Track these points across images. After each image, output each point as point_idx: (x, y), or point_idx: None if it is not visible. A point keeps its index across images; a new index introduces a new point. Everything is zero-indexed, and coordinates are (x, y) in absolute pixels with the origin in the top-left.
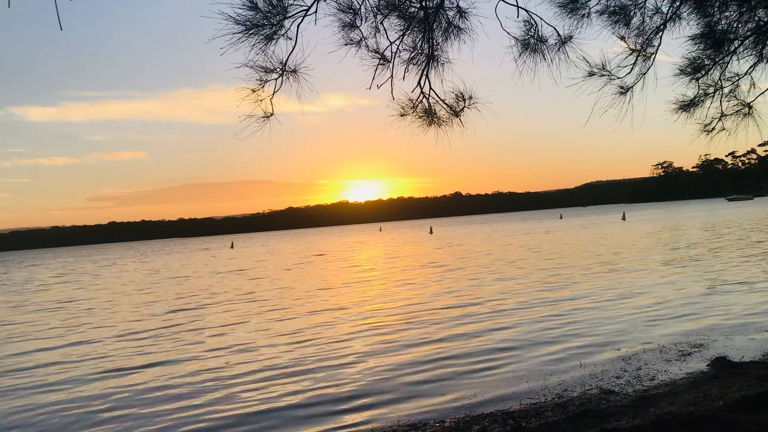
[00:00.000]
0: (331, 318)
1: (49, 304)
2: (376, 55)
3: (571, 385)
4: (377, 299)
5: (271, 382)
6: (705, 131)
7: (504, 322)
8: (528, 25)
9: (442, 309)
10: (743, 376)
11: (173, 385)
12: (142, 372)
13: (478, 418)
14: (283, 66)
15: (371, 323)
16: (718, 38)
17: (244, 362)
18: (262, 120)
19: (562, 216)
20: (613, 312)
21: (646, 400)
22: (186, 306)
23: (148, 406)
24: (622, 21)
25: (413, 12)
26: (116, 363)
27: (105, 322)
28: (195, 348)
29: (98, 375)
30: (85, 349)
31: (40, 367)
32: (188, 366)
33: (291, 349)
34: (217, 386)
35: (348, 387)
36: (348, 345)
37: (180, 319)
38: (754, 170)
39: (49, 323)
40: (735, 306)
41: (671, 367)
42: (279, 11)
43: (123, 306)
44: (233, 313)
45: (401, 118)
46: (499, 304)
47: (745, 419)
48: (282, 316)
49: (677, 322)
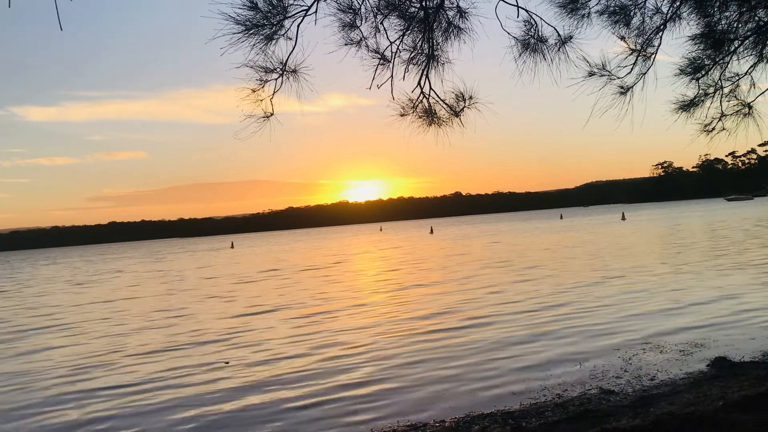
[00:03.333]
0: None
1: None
2: (376, 55)
3: (571, 385)
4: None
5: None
6: (705, 131)
7: (504, 321)
8: (528, 25)
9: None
10: (743, 376)
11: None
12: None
13: (478, 418)
14: (283, 66)
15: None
16: (718, 38)
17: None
18: (262, 120)
19: (562, 216)
20: (613, 312)
21: (646, 400)
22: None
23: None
24: (622, 21)
25: (413, 12)
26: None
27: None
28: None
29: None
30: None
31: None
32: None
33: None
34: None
35: (348, 387)
36: (348, 346)
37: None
38: (754, 170)
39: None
40: (735, 306)
41: (671, 367)
42: (279, 11)
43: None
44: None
45: (401, 118)
46: (503, 303)
47: (745, 419)
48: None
49: (677, 322)
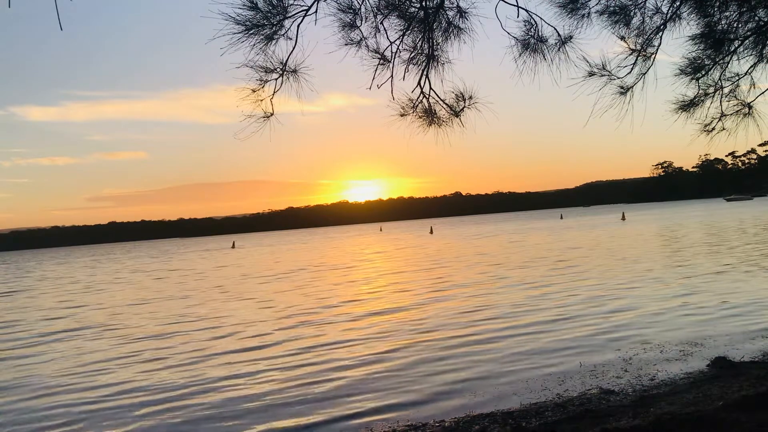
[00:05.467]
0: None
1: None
2: (376, 55)
3: (571, 385)
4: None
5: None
6: (705, 131)
7: (505, 321)
8: (528, 25)
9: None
10: (743, 376)
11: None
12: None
13: (478, 418)
14: (284, 66)
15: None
16: (718, 38)
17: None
18: (263, 120)
19: (562, 216)
20: (613, 312)
21: (646, 400)
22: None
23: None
24: (622, 21)
25: (413, 12)
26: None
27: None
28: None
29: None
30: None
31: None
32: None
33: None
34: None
35: (348, 387)
36: (348, 343)
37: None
38: (754, 170)
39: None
40: (735, 306)
41: (671, 367)
42: (279, 11)
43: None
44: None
45: (401, 118)
46: (510, 304)
47: (745, 419)
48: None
49: (677, 322)
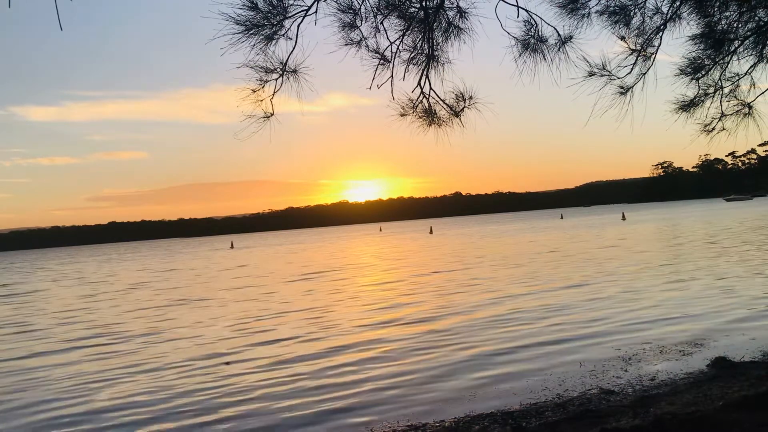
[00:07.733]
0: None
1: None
2: (376, 55)
3: (571, 385)
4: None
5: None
6: (705, 131)
7: (505, 321)
8: (528, 25)
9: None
10: (743, 376)
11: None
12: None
13: (478, 418)
14: (284, 66)
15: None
16: (718, 38)
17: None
18: (263, 120)
19: (562, 216)
20: (613, 312)
21: (646, 400)
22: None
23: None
24: (622, 21)
25: (413, 12)
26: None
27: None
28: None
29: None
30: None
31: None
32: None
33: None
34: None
35: (348, 386)
36: (348, 344)
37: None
38: (754, 170)
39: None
40: (735, 306)
41: (671, 367)
42: (279, 11)
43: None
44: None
45: (401, 118)
46: (518, 304)
47: (745, 419)
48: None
49: (677, 322)
